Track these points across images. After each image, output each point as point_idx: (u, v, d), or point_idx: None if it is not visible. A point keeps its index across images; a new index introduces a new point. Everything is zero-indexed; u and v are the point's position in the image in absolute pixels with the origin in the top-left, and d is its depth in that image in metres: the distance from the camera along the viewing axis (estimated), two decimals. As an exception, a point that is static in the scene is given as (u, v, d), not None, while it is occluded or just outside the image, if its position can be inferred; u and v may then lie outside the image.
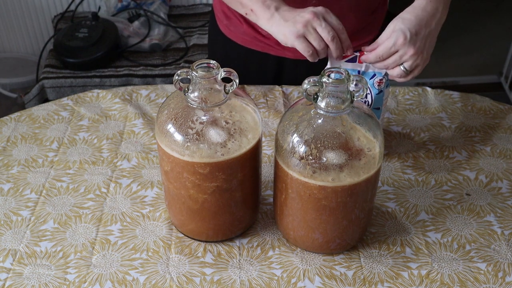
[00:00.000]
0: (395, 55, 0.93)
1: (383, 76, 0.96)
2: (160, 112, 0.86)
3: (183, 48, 2.14)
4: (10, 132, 1.15)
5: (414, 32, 0.91)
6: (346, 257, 0.92)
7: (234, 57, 1.28)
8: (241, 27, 1.23)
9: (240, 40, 1.25)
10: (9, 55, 2.48)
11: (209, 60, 0.82)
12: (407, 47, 0.91)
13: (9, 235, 0.95)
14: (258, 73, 1.29)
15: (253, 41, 1.24)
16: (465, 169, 1.07)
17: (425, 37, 0.93)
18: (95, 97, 1.24)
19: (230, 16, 1.24)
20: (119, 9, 2.23)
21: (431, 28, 0.94)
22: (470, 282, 0.88)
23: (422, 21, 0.93)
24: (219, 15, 1.27)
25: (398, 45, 0.92)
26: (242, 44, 1.26)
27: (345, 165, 0.80)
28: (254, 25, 1.22)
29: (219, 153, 0.82)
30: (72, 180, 1.05)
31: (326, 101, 0.79)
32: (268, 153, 1.11)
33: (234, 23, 1.24)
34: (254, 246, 0.93)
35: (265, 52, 1.24)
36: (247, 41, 1.24)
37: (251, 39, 1.24)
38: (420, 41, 0.92)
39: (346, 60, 0.96)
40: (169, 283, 0.87)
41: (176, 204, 0.90)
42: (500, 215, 0.98)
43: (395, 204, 1.00)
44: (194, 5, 2.39)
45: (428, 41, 0.94)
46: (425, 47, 0.93)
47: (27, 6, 2.35)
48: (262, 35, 1.22)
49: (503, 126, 1.18)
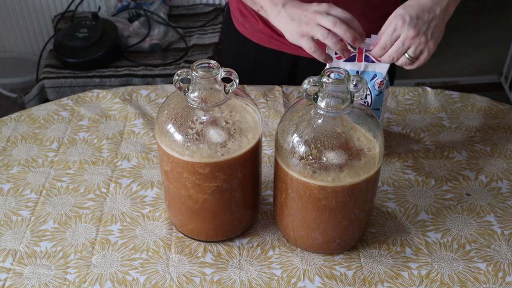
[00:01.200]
0: (397, 42, 0.91)
1: (384, 77, 0.96)
2: (160, 112, 0.86)
3: (183, 48, 2.14)
4: (10, 132, 1.15)
5: (414, 16, 0.90)
6: (346, 257, 0.92)
7: (249, 55, 1.29)
8: (257, 25, 1.23)
9: (255, 38, 1.26)
10: (9, 55, 2.48)
11: (209, 60, 0.82)
12: (407, 30, 0.90)
13: (9, 235, 0.95)
14: (272, 71, 1.30)
15: (269, 39, 1.24)
16: (465, 169, 1.07)
17: (428, 22, 0.91)
18: (95, 97, 1.24)
19: (245, 14, 1.24)
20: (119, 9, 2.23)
21: (435, 14, 0.92)
22: (470, 282, 0.88)
23: (425, 6, 0.91)
24: (235, 13, 1.28)
25: (398, 28, 0.90)
26: (257, 42, 1.26)
27: (345, 165, 0.80)
28: (269, 23, 1.22)
29: (219, 153, 0.82)
30: (72, 180, 1.05)
31: (326, 101, 0.79)
32: (268, 153, 1.11)
33: (249, 21, 1.24)
34: (254, 246, 0.93)
35: (280, 50, 1.25)
36: (263, 39, 1.25)
37: (267, 37, 1.24)
38: (422, 25, 0.91)
39: (345, 60, 0.96)
40: (169, 283, 0.87)
41: (176, 204, 0.90)
42: (500, 215, 0.98)
43: (395, 204, 1.00)
44: (194, 5, 2.39)
45: (432, 26, 0.92)
46: (428, 31, 0.91)
47: (27, 6, 2.35)
48: (277, 34, 1.22)
49: (503, 126, 1.18)
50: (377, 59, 0.95)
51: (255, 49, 1.27)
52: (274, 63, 1.28)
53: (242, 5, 1.24)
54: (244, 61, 1.31)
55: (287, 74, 1.30)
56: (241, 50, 1.30)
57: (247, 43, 1.27)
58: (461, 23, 2.93)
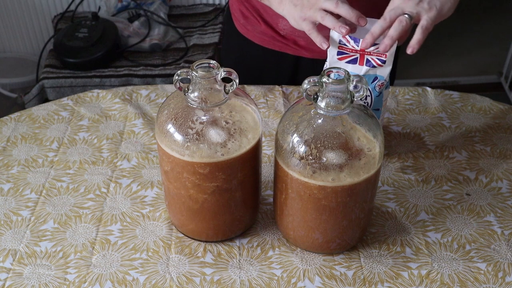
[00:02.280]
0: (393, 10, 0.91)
1: (384, 79, 0.96)
2: (160, 112, 0.86)
3: (183, 48, 2.14)
4: (10, 132, 1.15)
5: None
6: (346, 257, 0.92)
7: (250, 56, 1.28)
8: (259, 27, 1.23)
9: (257, 40, 1.25)
10: (9, 55, 2.48)
11: (209, 60, 0.82)
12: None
13: (9, 235, 0.95)
14: (275, 73, 1.29)
15: (271, 40, 1.24)
16: (465, 169, 1.07)
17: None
18: (95, 97, 1.24)
19: (247, 16, 1.24)
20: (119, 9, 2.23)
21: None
22: (470, 282, 0.88)
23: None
24: (236, 14, 1.27)
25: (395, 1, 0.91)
26: (259, 44, 1.26)
27: (345, 165, 0.80)
28: (272, 25, 1.22)
29: (219, 153, 0.82)
30: (72, 180, 1.05)
31: (326, 101, 0.79)
32: (268, 153, 1.11)
33: (251, 22, 1.24)
34: (254, 246, 0.93)
35: (282, 51, 1.24)
36: (265, 40, 1.24)
37: (269, 39, 1.24)
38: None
39: (346, 61, 0.96)
40: (169, 283, 0.87)
41: (176, 204, 0.90)
42: (500, 215, 0.98)
43: (395, 204, 1.00)
44: (194, 5, 2.39)
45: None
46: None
47: (27, 6, 2.35)
48: (280, 35, 1.22)
49: (503, 126, 1.18)
50: (379, 64, 0.94)
51: (257, 51, 1.27)
52: (276, 64, 1.28)
53: (244, 7, 1.24)
54: (246, 62, 1.31)
55: (289, 75, 1.30)
56: (243, 51, 1.30)
57: (249, 45, 1.27)
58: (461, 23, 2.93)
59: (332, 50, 0.95)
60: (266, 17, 1.21)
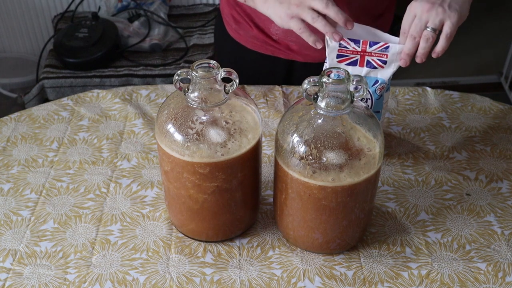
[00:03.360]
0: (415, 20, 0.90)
1: (385, 82, 0.96)
2: (160, 112, 0.86)
3: (183, 48, 2.14)
4: (10, 132, 1.15)
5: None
6: (346, 257, 0.92)
7: (243, 61, 1.28)
8: (251, 31, 1.22)
9: (250, 44, 1.25)
10: (9, 55, 2.48)
11: (209, 60, 0.82)
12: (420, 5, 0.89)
13: (9, 235, 0.95)
14: (267, 77, 1.29)
15: (263, 45, 1.23)
16: (465, 169, 1.07)
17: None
18: (95, 97, 1.24)
19: (239, 20, 1.23)
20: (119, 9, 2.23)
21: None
22: (470, 282, 0.88)
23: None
24: (228, 19, 1.26)
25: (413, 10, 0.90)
26: (251, 48, 1.25)
27: (345, 165, 0.80)
28: (264, 29, 1.21)
29: (219, 153, 0.82)
30: (72, 180, 1.05)
31: (326, 101, 0.79)
32: (268, 153, 1.11)
33: (243, 27, 1.23)
34: (254, 246, 0.93)
35: (274, 56, 1.24)
36: (257, 45, 1.24)
37: (261, 43, 1.23)
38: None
39: (346, 63, 0.96)
40: (169, 283, 0.87)
41: (176, 204, 0.90)
42: (500, 215, 0.98)
43: (395, 204, 1.00)
44: (194, 5, 2.39)
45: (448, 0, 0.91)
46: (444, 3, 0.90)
47: (27, 6, 2.35)
48: (272, 39, 1.21)
49: (503, 126, 1.18)
50: (380, 65, 0.94)
51: (249, 55, 1.26)
52: (269, 68, 1.27)
53: (235, 11, 1.23)
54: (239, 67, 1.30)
55: (282, 80, 1.29)
56: (235, 56, 1.29)
57: (242, 49, 1.26)
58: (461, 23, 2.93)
59: (332, 53, 0.95)
60: (258, 22, 1.21)
